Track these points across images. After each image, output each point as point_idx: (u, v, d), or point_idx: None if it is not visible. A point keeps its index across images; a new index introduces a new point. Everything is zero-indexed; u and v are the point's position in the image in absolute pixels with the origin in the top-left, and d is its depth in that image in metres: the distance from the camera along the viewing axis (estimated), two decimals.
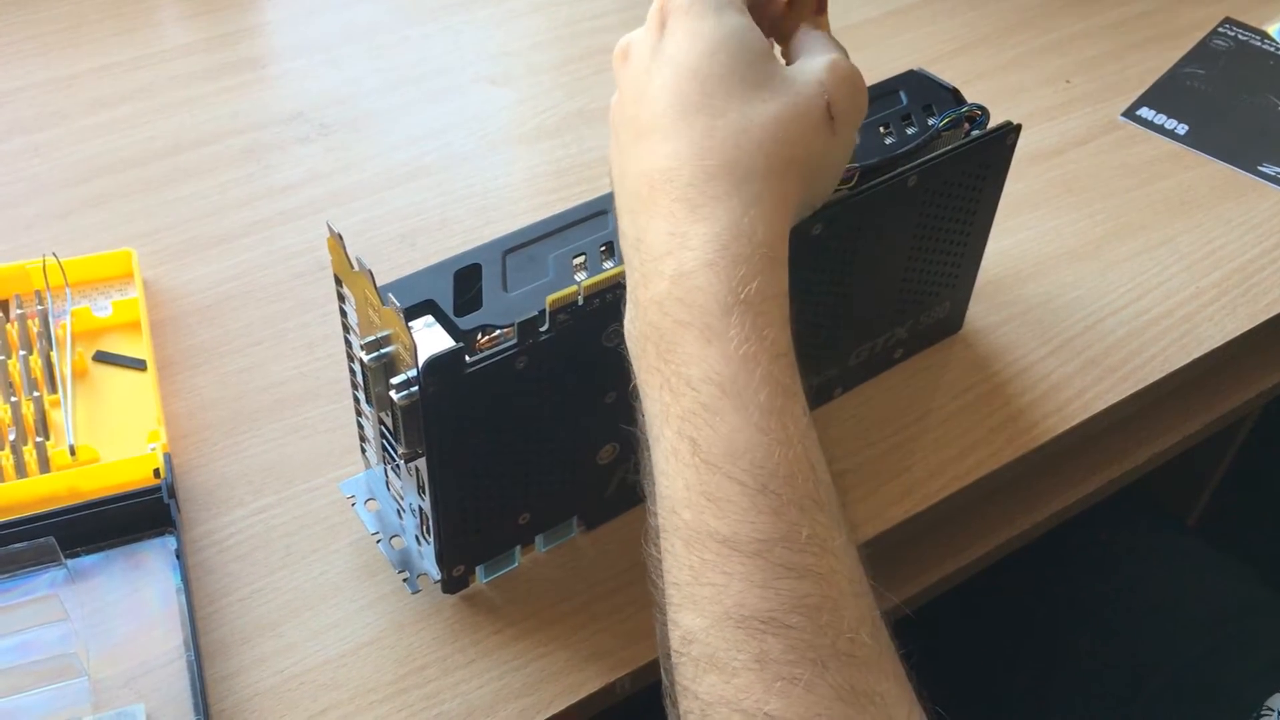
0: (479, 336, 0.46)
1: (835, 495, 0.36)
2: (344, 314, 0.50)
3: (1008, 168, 0.59)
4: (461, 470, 0.48)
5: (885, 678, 0.33)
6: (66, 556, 0.53)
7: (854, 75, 0.44)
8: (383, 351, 0.46)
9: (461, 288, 0.49)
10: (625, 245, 0.42)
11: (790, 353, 0.38)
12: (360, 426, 0.54)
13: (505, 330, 0.46)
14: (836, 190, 0.51)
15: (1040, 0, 0.93)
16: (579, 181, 0.75)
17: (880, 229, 0.55)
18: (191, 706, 0.48)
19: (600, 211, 0.52)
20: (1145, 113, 0.82)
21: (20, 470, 0.56)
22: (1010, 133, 0.57)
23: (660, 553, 0.37)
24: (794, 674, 0.32)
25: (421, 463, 0.47)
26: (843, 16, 0.90)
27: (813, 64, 0.44)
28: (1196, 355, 0.65)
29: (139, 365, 0.62)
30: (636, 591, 0.53)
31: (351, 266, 0.46)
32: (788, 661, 0.32)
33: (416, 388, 0.44)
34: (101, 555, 0.54)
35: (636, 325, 0.40)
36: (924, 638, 0.41)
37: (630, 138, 0.43)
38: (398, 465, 0.50)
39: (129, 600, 0.52)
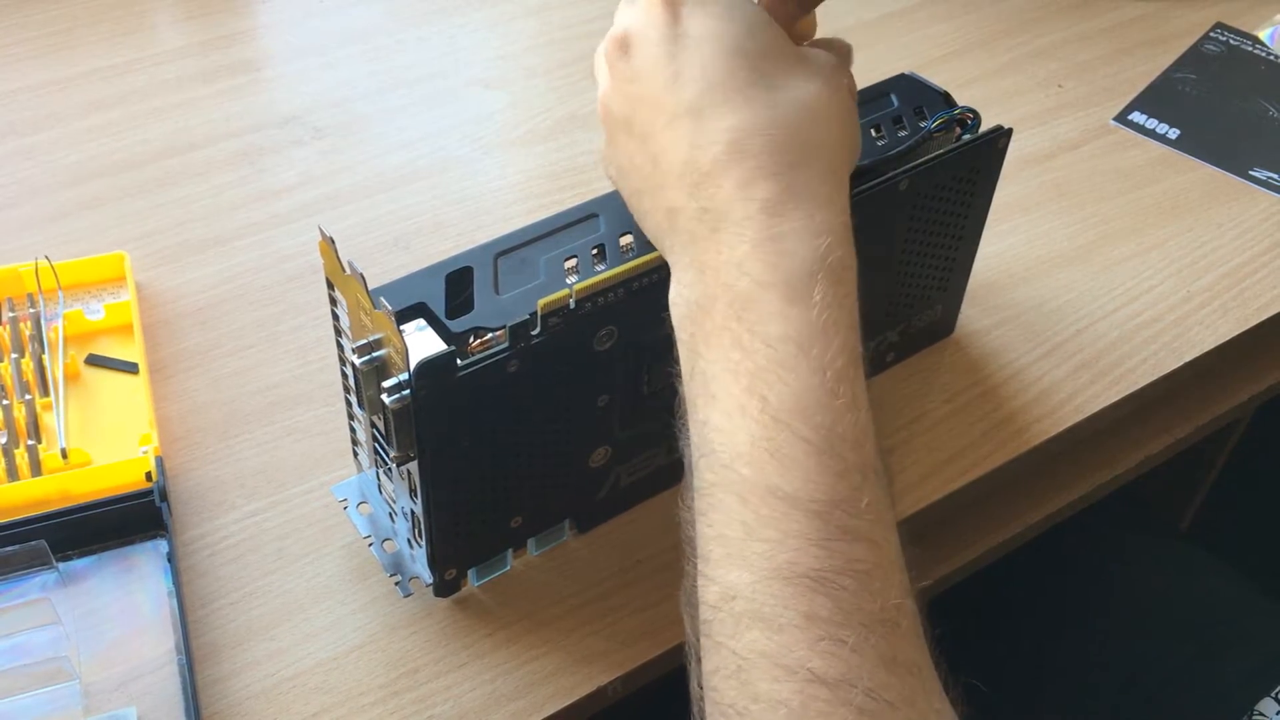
0: (471, 339, 0.46)
1: (887, 471, 0.37)
2: (336, 317, 0.50)
3: (999, 171, 0.59)
4: (453, 473, 0.48)
5: (923, 654, 0.34)
6: (58, 560, 0.53)
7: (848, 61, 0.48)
8: (374, 355, 0.46)
9: (453, 291, 0.49)
10: (665, 221, 0.43)
11: (859, 327, 0.39)
12: (352, 430, 0.54)
13: (497, 333, 0.46)
14: None
15: (1032, 5, 0.94)
16: (572, 185, 0.75)
17: (871, 232, 0.55)
18: (183, 710, 0.48)
19: (592, 214, 0.52)
20: (1137, 117, 0.83)
21: (12, 473, 0.56)
22: (1001, 137, 0.57)
23: (699, 512, 0.37)
24: (840, 635, 0.32)
25: (413, 466, 0.47)
26: (836, 20, 0.91)
27: (817, 48, 0.47)
28: (1188, 359, 0.65)
29: (131, 368, 0.62)
30: (629, 595, 0.54)
31: (343, 270, 0.46)
32: (835, 622, 0.32)
33: (408, 391, 0.44)
34: (93, 558, 0.54)
35: (697, 290, 0.40)
36: None
37: (661, 122, 0.43)
38: (389, 469, 0.50)
39: (121, 604, 0.52)
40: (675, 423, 0.41)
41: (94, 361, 0.63)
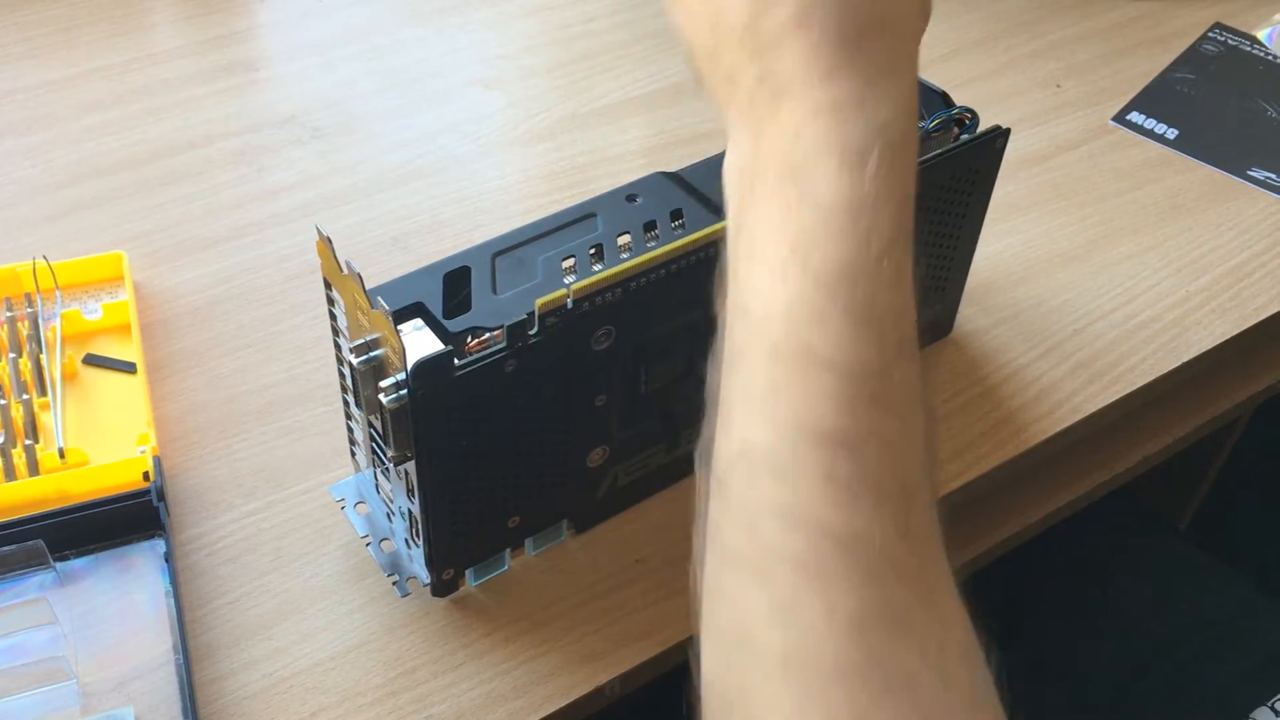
0: (468, 339, 0.46)
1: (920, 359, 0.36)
2: (333, 317, 0.50)
3: (997, 171, 0.59)
4: (451, 473, 0.48)
5: (937, 538, 0.33)
6: (55, 560, 0.53)
7: None
8: (372, 355, 0.46)
9: (451, 290, 0.49)
10: (722, 85, 0.41)
11: (913, 202, 0.38)
12: (350, 430, 0.54)
13: (495, 333, 0.46)
14: None
15: (1031, 5, 0.93)
16: (571, 185, 0.75)
17: None
18: (181, 710, 0.48)
19: (590, 214, 0.52)
20: (1135, 117, 0.83)
21: (9, 473, 0.56)
22: (999, 136, 0.57)
23: (726, 371, 0.36)
24: (856, 495, 0.32)
25: (411, 466, 0.47)
26: None
27: None
28: (1186, 359, 0.65)
29: (129, 368, 0.62)
30: (627, 594, 0.53)
31: (341, 269, 0.46)
32: (853, 485, 0.32)
33: (405, 391, 0.44)
34: (91, 558, 0.54)
35: (750, 156, 0.39)
36: None
37: None
38: (387, 468, 0.50)
39: (118, 603, 0.52)
40: (713, 292, 0.39)
41: (91, 361, 0.62)
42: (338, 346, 0.51)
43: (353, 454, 0.55)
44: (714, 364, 0.38)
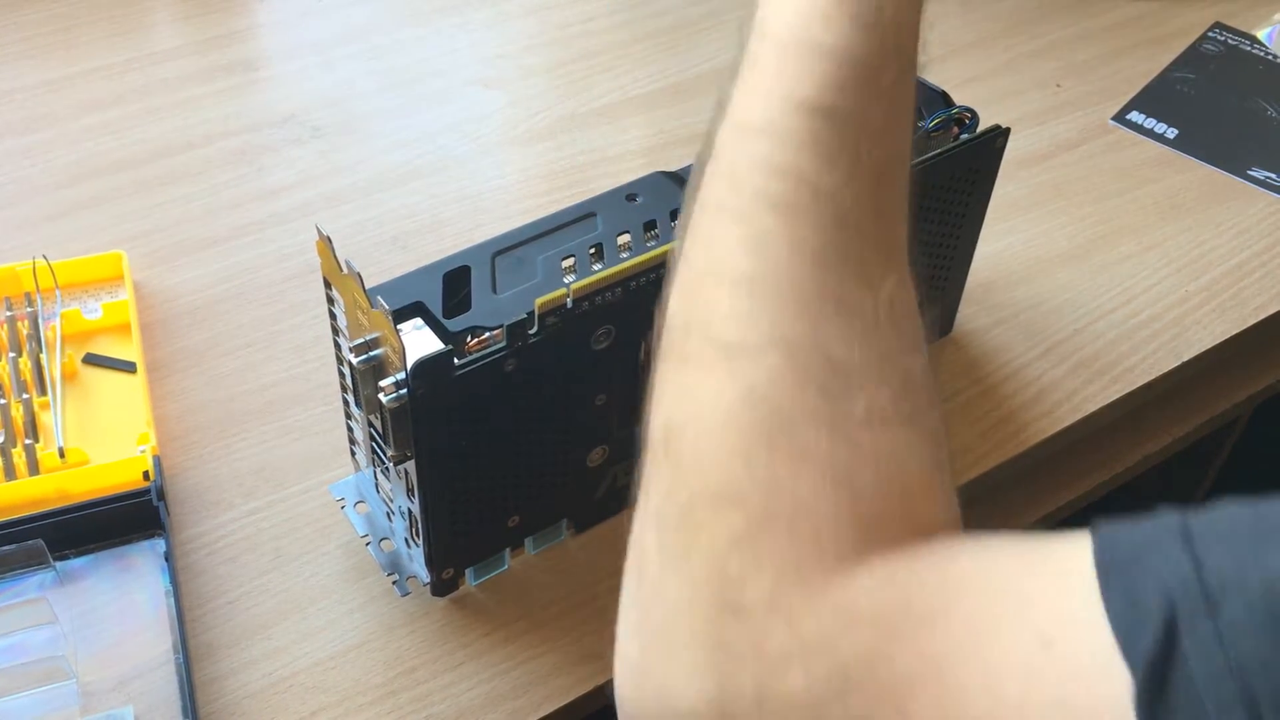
0: (468, 339, 0.46)
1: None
2: (333, 316, 0.50)
3: (997, 171, 0.59)
4: (450, 473, 0.48)
5: (904, 225, 0.36)
6: (55, 559, 0.53)
7: None
8: (371, 354, 0.46)
9: (451, 290, 0.49)
10: None
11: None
12: (350, 429, 0.54)
13: (494, 333, 0.46)
14: None
15: (1031, 5, 0.93)
16: (570, 184, 0.75)
17: None
18: (180, 709, 0.48)
19: (590, 214, 0.52)
20: (1135, 117, 0.83)
21: (9, 473, 0.56)
22: (999, 136, 0.57)
23: (735, 80, 0.37)
24: (835, 158, 0.33)
25: (410, 465, 0.47)
26: None
27: None
28: (1186, 358, 0.65)
29: (129, 367, 0.62)
30: None
31: (341, 269, 0.46)
32: (834, 149, 0.34)
33: (405, 390, 0.44)
34: (91, 558, 0.54)
35: None
36: None
37: None
38: (387, 468, 0.50)
39: (118, 603, 0.52)
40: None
41: (91, 361, 0.62)
42: (338, 346, 0.51)
43: (353, 453, 0.55)
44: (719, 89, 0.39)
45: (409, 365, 0.43)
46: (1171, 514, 0.27)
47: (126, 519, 0.54)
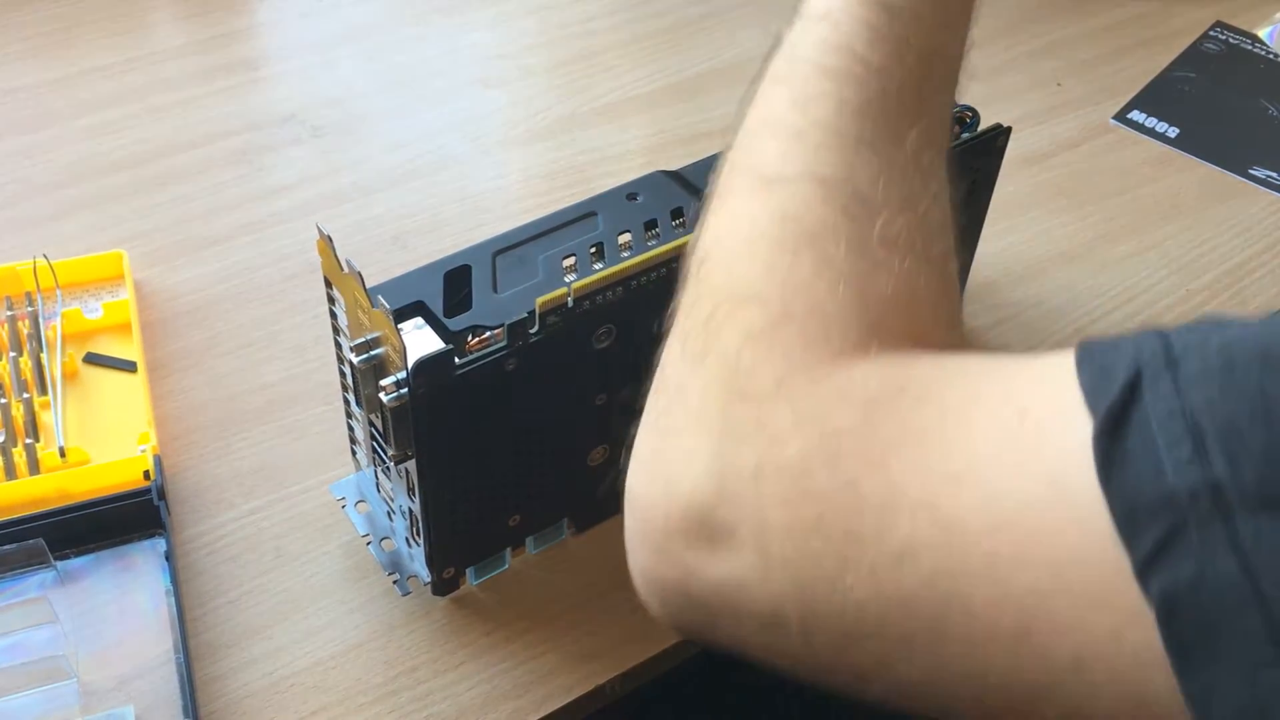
0: (469, 338, 0.46)
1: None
2: (334, 316, 0.50)
3: (998, 170, 0.59)
4: (451, 472, 0.48)
5: (944, 139, 0.38)
6: (56, 558, 0.53)
7: None
8: (372, 353, 0.46)
9: (452, 289, 0.49)
10: None
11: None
12: (351, 428, 0.54)
13: (495, 332, 0.46)
14: None
15: (1032, 3, 0.93)
16: (570, 184, 0.75)
17: None
18: (181, 709, 0.48)
19: (590, 213, 0.52)
20: (1136, 116, 0.83)
21: (10, 472, 0.56)
22: (1000, 135, 0.57)
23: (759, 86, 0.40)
24: (888, 43, 0.36)
25: (411, 465, 0.47)
26: None
27: None
28: None
29: (129, 367, 0.62)
30: (627, 593, 0.53)
31: (341, 268, 0.46)
32: (887, 36, 0.37)
33: (406, 389, 0.44)
34: (91, 557, 0.54)
35: None
36: None
37: None
38: (388, 467, 0.50)
39: (119, 602, 0.52)
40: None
41: (92, 360, 0.62)
42: (338, 345, 0.51)
43: (353, 453, 0.55)
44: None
45: (410, 364, 0.43)
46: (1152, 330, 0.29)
47: (127, 518, 0.54)
